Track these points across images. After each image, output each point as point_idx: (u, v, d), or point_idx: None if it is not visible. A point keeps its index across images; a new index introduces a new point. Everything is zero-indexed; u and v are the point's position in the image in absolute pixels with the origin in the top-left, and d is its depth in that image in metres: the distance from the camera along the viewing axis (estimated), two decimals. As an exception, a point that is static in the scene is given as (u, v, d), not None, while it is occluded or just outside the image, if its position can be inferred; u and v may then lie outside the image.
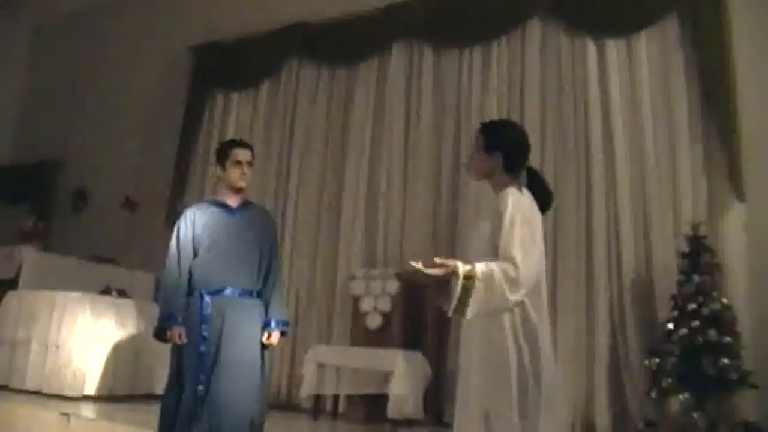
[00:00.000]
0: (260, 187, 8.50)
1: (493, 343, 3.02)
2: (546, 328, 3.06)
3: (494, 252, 2.99)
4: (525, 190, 3.14)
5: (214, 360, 3.93)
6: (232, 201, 4.27)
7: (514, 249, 2.91)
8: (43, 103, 11.62)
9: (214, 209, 4.24)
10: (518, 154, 3.23)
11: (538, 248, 3.03)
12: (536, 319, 3.00)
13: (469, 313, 2.92)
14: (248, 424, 3.98)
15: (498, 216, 3.03)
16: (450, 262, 2.92)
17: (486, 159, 3.22)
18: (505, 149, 3.20)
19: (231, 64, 9.32)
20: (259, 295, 4.23)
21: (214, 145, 8.00)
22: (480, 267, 2.91)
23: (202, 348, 3.94)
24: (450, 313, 2.97)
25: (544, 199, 3.20)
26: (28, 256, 8.03)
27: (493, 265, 2.91)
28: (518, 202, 3.03)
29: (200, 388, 3.88)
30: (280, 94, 8.96)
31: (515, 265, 2.88)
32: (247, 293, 4.14)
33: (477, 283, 2.89)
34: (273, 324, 4.21)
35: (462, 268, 2.91)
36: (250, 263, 4.20)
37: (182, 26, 9.99)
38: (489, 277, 2.89)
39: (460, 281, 2.90)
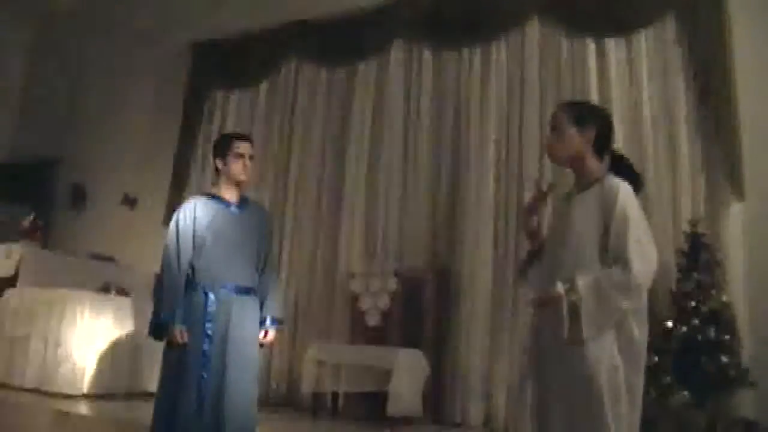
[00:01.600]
0: (259, 185, 8.50)
1: (594, 359, 2.62)
2: (645, 339, 2.71)
3: (599, 254, 2.69)
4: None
5: (221, 359, 3.84)
6: (232, 196, 4.18)
7: (627, 250, 2.60)
8: (42, 100, 11.59)
9: (214, 204, 4.14)
10: (609, 136, 2.93)
11: (654, 248, 2.71)
12: (639, 336, 2.68)
13: (586, 333, 2.59)
14: (253, 424, 3.96)
15: (606, 212, 2.70)
16: (549, 293, 2.66)
17: (576, 137, 2.86)
18: (600, 125, 2.89)
19: (230, 62, 9.32)
20: (257, 291, 4.17)
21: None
22: (581, 279, 2.63)
23: (206, 347, 3.86)
24: (567, 342, 2.63)
25: (634, 183, 2.82)
26: (27, 253, 8.01)
27: (597, 274, 2.63)
28: (629, 195, 2.71)
29: (203, 386, 3.82)
30: (279, 92, 8.95)
31: (626, 269, 2.58)
32: (248, 290, 4.07)
33: (582, 297, 2.59)
34: (269, 322, 4.16)
35: (561, 287, 2.64)
36: (251, 260, 4.14)
37: (181, 24, 9.97)
38: (594, 287, 2.60)
39: (565, 301, 2.62)
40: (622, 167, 2.91)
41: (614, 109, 6.64)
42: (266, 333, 4.15)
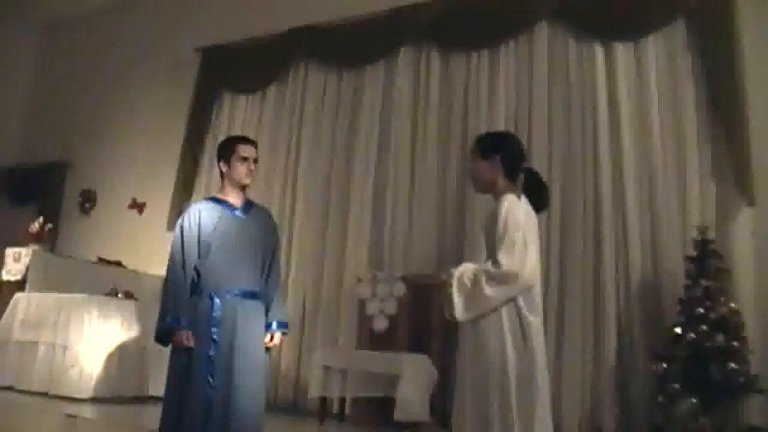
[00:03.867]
0: (267, 190, 8.52)
1: (484, 343, 3.10)
2: (539, 328, 3.16)
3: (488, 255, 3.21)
4: (523, 197, 3.27)
5: (228, 364, 3.82)
6: (236, 199, 4.16)
7: (499, 250, 3.08)
8: (51, 104, 11.65)
9: (219, 208, 4.11)
10: (515, 157, 3.39)
11: (531, 250, 3.14)
12: (529, 318, 3.10)
13: (458, 312, 3.11)
14: (260, 429, 3.95)
15: (493, 221, 3.17)
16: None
17: (485, 167, 3.36)
18: (502, 152, 3.36)
19: (238, 67, 9.34)
20: (263, 295, 4.14)
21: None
22: (459, 268, 3.19)
23: (212, 352, 3.84)
24: (447, 316, 3.19)
25: (541, 195, 3.38)
26: (36, 257, 8.05)
27: (476, 266, 3.17)
28: (512, 207, 3.16)
29: (210, 392, 3.80)
30: (287, 97, 8.96)
31: (497, 264, 3.05)
32: (254, 294, 4.05)
33: (455, 280, 3.12)
34: (275, 326, 4.13)
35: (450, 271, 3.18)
36: (257, 264, 4.11)
37: (189, 28, 10.00)
38: (467, 275, 3.13)
39: (445, 282, 3.15)
40: (533, 183, 3.39)
41: (622, 114, 6.65)
42: (272, 337, 4.13)
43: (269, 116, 9.05)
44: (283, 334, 4.20)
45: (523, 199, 3.26)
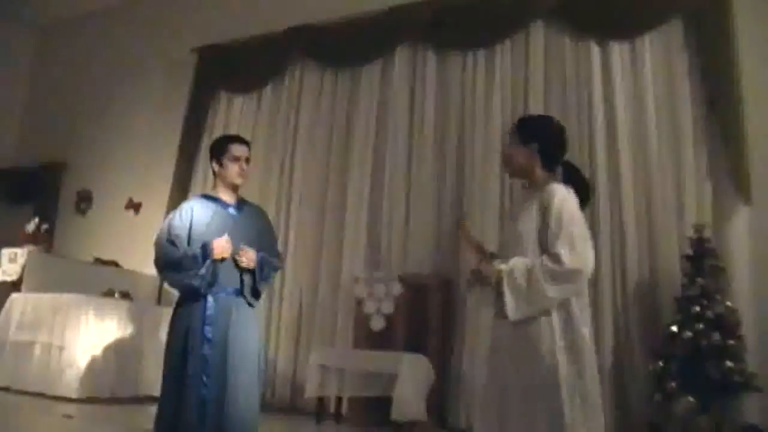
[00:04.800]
0: (263, 189, 8.51)
1: (531, 348, 2.88)
2: (591, 345, 2.96)
3: (539, 250, 2.93)
4: (571, 189, 3.05)
5: (222, 363, 3.77)
6: (229, 198, 4.11)
7: (558, 245, 2.85)
8: (47, 105, 11.63)
9: (212, 205, 4.06)
10: (555, 148, 3.17)
11: (589, 245, 2.93)
12: (581, 330, 2.90)
13: (510, 311, 2.88)
14: (255, 428, 3.92)
15: (544, 212, 2.95)
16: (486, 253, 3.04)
17: (522, 153, 3.14)
18: (542, 141, 3.13)
19: (234, 67, 9.33)
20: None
21: (217, 148, 7.99)
22: (515, 260, 2.92)
23: (206, 350, 3.79)
24: (495, 315, 2.97)
25: (583, 193, 3.10)
26: (32, 258, 8.03)
27: (533, 261, 2.88)
28: (566, 198, 2.96)
29: (205, 392, 3.77)
30: (283, 96, 8.96)
31: (558, 261, 2.82)
32: (242, 294, 3.98)
33: (512, 276, 2.88)
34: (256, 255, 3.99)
35: (497, 262, 2.94)
36: None
37: (186, 28, 10.00)
38: (519, 270, 2.88)
39: (495, 275, 2.91)
40: (575, 177, 3.16)
41: (619, 113, 6.66)
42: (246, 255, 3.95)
43: (265, 116, 9.04)
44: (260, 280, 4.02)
45: (571, 191, 3.04)
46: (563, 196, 2.95)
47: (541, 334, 2.86)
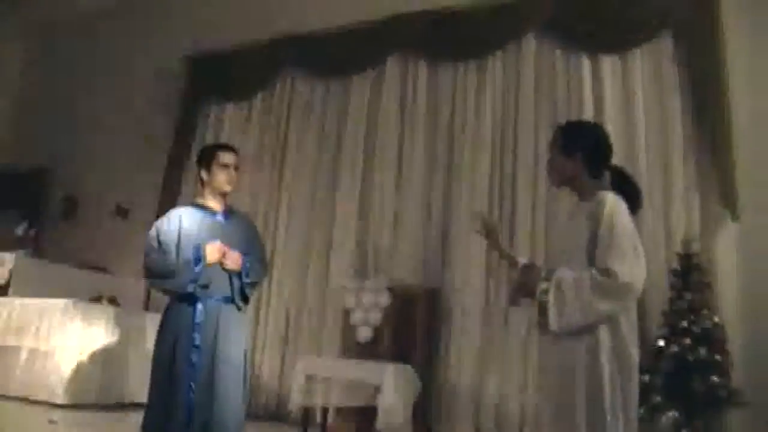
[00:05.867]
0: (252, 198, 8.51)
1: (571, 364, 2.75)
2: (637, 366, 2.79)
3: (588, 262, 2.78)
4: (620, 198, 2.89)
5: (209, 370, 3.77)
6: (217, 205, 4.11)
7: (610, 258, 2.69)
8: (35, 110, 11.59)
9: (200, 213, 4.06)
10: (600, 155, 3.03)
11: (641, 259, 2.77)
12: (630, 350, 2.75)
13: (553, 321, 2.74)
14: (241, 433, 3.92)
15: (594, 223, 2.80)
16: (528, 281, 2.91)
17: (565, 163, 3.02)
18: (586, 150, 3.00)
19: (225, 75, 9.32)
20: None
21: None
22: (562, 271, 2.79)
23: (194, 357, 3.78)
24: (539, 328, 2.86)
25: (633, 199, 2.94)
26: (20, 262, 8.00)
27: (582, 273, 2.73)
28: (617, 209, 2.80)
29: (192, 397, 3.76)
30: (273, 105, 8.96)
31: (609, 275, 2.66)
32: (233, 300, 3.98)
33: (552, 288, 2.77)
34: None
35: (543, 271, 2.85)
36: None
37: (176, 36, 9.98)
38: (566, 283, 2.75)
39: (540, 285, 2.81)
40: (625, 183, 3.01)
41: (608, 126, 6.64)
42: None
43: (256, 125, 9.05)
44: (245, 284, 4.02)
45: (621, 198, 2.87)
46: (613, 205, 2.80)
47: (588, 353, 2.72)
